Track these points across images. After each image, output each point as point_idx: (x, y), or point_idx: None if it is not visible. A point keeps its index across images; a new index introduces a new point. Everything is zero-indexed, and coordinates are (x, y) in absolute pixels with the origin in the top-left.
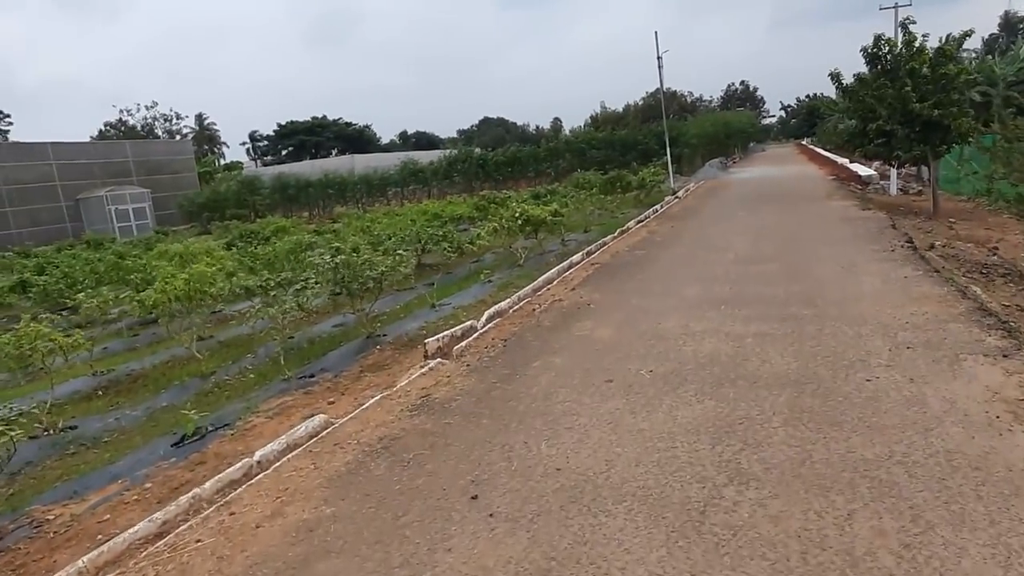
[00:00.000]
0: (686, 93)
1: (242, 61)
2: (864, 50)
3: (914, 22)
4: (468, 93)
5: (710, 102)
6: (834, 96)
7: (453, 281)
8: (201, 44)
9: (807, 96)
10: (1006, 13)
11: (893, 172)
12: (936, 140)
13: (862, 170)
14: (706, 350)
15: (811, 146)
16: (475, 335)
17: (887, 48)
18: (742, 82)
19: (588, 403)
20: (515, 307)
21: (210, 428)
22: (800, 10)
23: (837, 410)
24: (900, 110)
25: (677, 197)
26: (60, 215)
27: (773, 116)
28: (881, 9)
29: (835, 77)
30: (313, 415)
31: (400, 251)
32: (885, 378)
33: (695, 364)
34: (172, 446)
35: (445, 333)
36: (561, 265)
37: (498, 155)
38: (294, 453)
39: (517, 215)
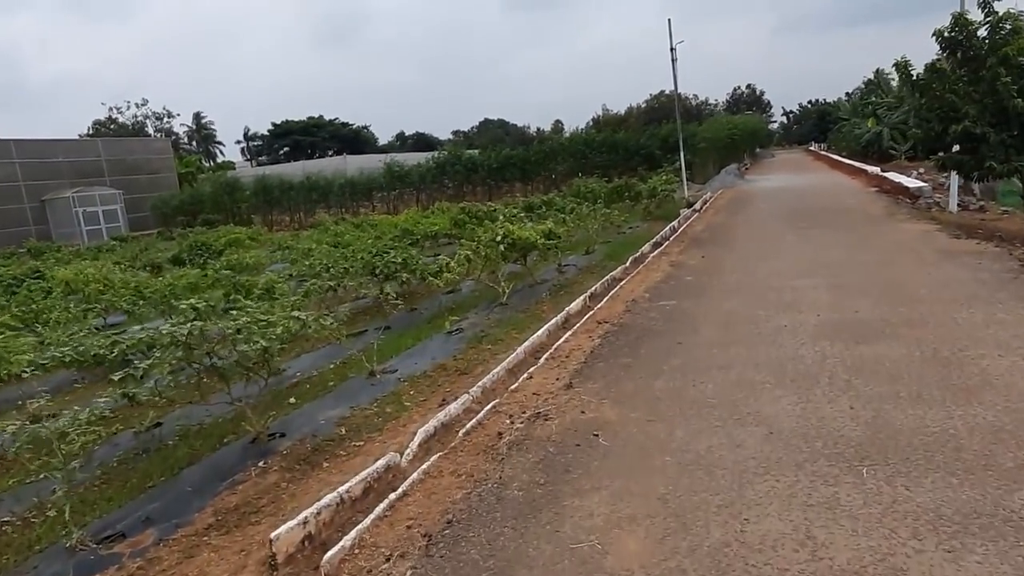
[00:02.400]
0: (691, 96)
1: (249, 61)
2: (938, 34)
3: None
4: (471, 95)
5: (715, 105)
6: (844, 99)
7: (415, 323)
8: (210, 43)
9: (810, 102)
10: None
11: (954, 184)
12: None
13: (908, 181)
14: None
15: (826, 152)
16: (385, 504)
17: (965, 31)
18: (748, 85)
19: None
20: (473, 420)
21: None
22: (802, 16)
23: None
24: (992, 108)
25: (695, 210)
26: (24, 217)
27: (775, 122)
28: None
29: (901, 67)
30: None
31: (297, 313)
32: None
33: None
34: None
35: (325, 502)
36: (554, 322)
37: (489, 157)
38: None
39: (499, 237)
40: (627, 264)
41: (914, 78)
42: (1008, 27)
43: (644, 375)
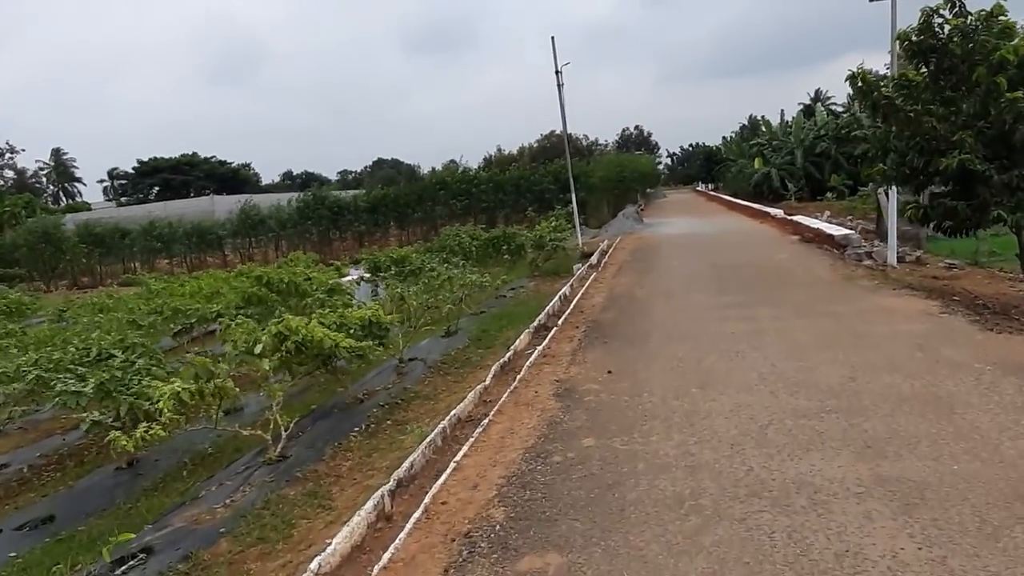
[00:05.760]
0: (581, 136)
1: (139, 99)
2: (904, 38)
3: None
4: (370, 136)
5: (605, 146)
6: (719, 144)
7: (114, 501)
8: (90, 77)
9: (691, 145)
10: None
11: (892, 232)
12: None
13: (830, 228)
14: None
15: (716, 193)
16: None
17: (940, 34)
18: (636, 127)
19: None
20: None
21: None
22: (681, 68)
23: None
24: (990, 135)
25: (592, 266)
26: None
27: (661, 162)
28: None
29: (856, 78)
30: None
31: None
32: None
33: None
34: None
35: None
36: None
37: (356, 199)
38: None
39: (258, 348)
40: (487, 382)
41: (875, 95)
42: (998, 25)
43: None
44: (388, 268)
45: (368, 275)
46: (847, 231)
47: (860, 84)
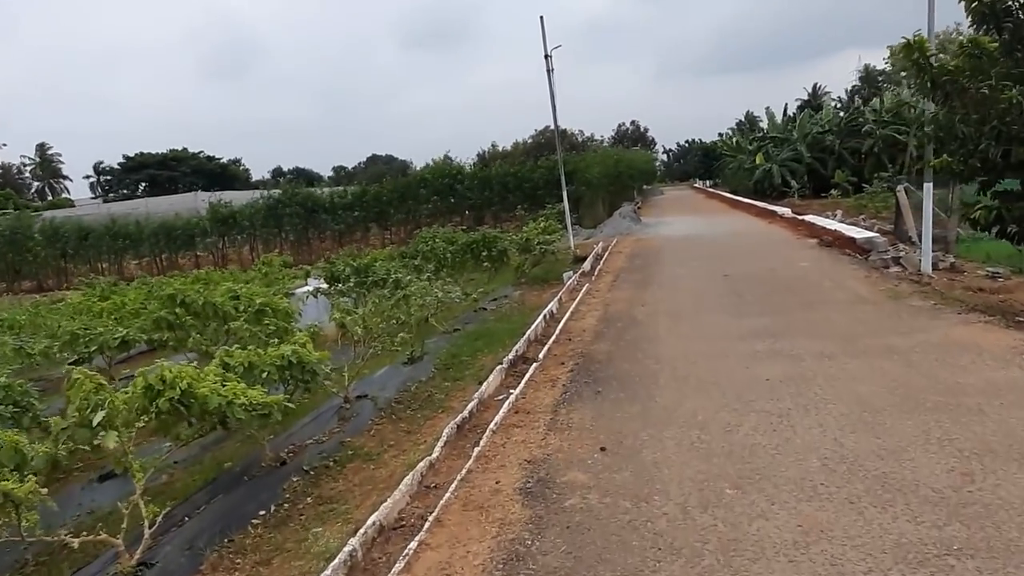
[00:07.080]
0: (577, 132)
1: (132, 94)
2: None
3: None
4: (364, 132)
5: (601, 141)
6: (723, 137)
7: None
8: (87, 73)
9: (687, 141)
10: None
11: (927, 236)
12: None
13: (850, 230)
14: None
15: (717, 190)
16: None
17: None
18: (633, 122)
19: None
20: None
21: None
22: (678, 64)
23: None
24: None
25: (584, 274)
26: None
27: (657, 159)
28: None
29: (912, 48)
30: None
31: None
32: None
33: None
34: None
35: None
36: None
37: (332, 196)
38: None
39: (96, 420)
40: (435, 455)
41: (935, 69)
42: None
43: None
44: (347, 278)
45: (325, 286)
46: (870, 234)
47: (916, 56)
